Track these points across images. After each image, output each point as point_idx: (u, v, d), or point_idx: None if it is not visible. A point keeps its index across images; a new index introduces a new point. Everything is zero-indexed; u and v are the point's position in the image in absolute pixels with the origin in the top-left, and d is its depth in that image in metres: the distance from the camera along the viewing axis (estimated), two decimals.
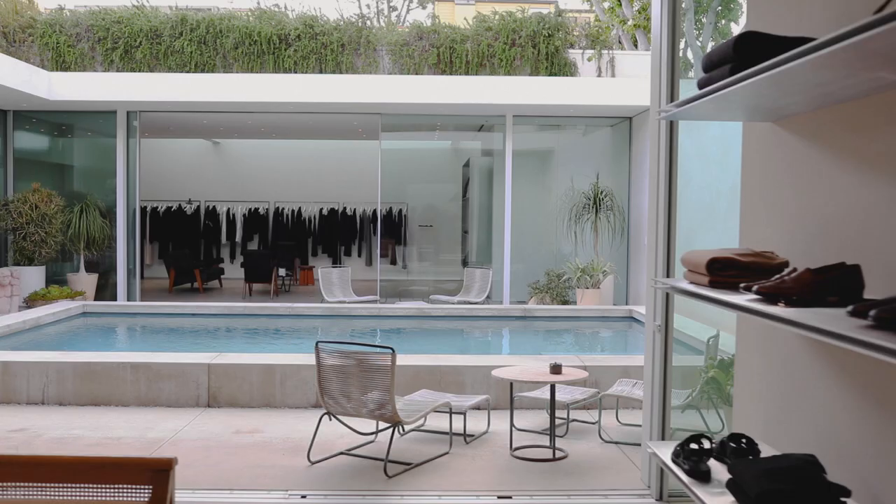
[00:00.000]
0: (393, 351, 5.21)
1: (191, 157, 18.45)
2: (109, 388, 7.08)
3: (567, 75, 13.09)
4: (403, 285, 15.65)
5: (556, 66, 13.02)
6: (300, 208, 18.46)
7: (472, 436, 6.14)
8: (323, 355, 5.44)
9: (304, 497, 4.86)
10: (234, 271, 17.55)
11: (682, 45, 16.96)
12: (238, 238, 18.33)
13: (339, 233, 18.36)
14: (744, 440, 2.99)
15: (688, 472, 2.90)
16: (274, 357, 7.37)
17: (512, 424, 5.98)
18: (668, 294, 4.86)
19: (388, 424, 5.48)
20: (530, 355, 8.31)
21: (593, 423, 6.58)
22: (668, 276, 4.87)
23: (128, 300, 13.18)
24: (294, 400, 7.06)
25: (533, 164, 14.35)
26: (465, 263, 15.67)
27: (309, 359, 7.27)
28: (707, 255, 2.92)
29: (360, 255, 18.52)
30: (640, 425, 6.40)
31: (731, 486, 2.63)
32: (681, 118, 3.28)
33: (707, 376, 5.63)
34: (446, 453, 5.74)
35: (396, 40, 13.11)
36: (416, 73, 13.06)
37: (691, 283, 3.04)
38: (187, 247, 17.72)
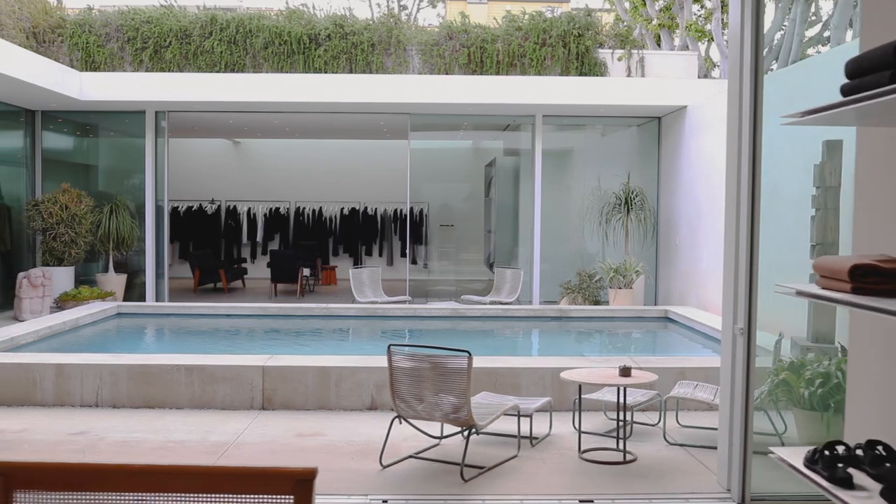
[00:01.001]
0: (469, 354, 5.19)
1: (211, 156, 18.41)
2: (163, 391, 7.06)
3: (597, 75, 13.08)
4: (428, 285, 15.63)
5: (587, 65, 13.01)
6: (321, 208, 18.44)
7: (537, 438, 6.12)
8: (395, 358, 5.42)
9: (385, 502, 4.84)
10: (255, 271, 17.55)
11: (705, 45, 16.92)
12: (259, 238, 18.32)
13: (359, 232, 18.34)
14: (879, 447, 2.97)
15: (828, 479, 2.88)
16: (329, 359, 7.34)
17: (580, 427, 5.96)
18: (751, 297, 4.84)
19: (459, 428, 5.45)
20: (584, 357, 8.30)
21: (653, 426, 6.56)
22: (751, 279, 4.85)
23: (156, 300, 13.15)
24: (349, 402, 7.03)
25: (551, 163, 14.33)
26: (489, 263, 15.65)
27: (364, 360, 7.29)
28: (846, 261, 2.90)
29: (381, 255, 18.50)
30: (701, 427, 6.41)
31: (887, 493, 2.61)
32: (802, 124, 3.24)
33: (778, 378, 5.61)
34: (515, 456, 5.72)
35: (427, 40, 13.09)
36: (447, 73, 13.03)
37: (825, 288, 3.03)
38: (207, 247, 17.69)
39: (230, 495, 2.80)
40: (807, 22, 12.98)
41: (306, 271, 15.60)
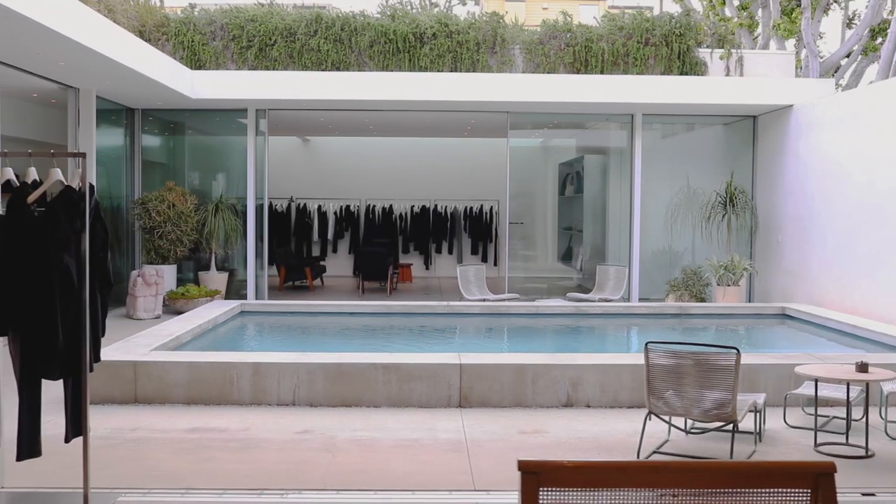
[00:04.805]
0: (738, 351, 5.29)
1: (280, 154, 18.35)
2: (360, 389, 7.10)
3: (698, 74, 13.20)
4: (516, 283, 15.68)
5: (688, 65, 13.13)
6: (391, 206, 18.47)
7: (759, 433, 6.23)
8: (653, 355, 5.51)
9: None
10: (332, 268, 17.66)
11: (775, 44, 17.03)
12: (329, 236, 18.34)
13: (432, 230, 18.39)
14: None
15: None
16: (524, 357, 7.42)
17: (816, 423, 6.07)
18: None
19: (720, 423, 5.55)
20: (765, 353, 8.37)
21: (856, 420, 6.68)
22: None
23: (256, 298, 13.16)
24: (545, 399, 7.09)
25: (615, 162, 14.42)
26: (578, 262, 15.72)
27: (558, 358, 7.38)
28: None
29: (450, 253, 18.56)
30: None
31: None
32: None
33: None
34: (755, 451, 5.83)
35: (530, 39, 13.16)
36: (552, 72, 13.10)
37: None
38: (281, 244, 17.69)
39: (751, 489, 2.91)
40: None
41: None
